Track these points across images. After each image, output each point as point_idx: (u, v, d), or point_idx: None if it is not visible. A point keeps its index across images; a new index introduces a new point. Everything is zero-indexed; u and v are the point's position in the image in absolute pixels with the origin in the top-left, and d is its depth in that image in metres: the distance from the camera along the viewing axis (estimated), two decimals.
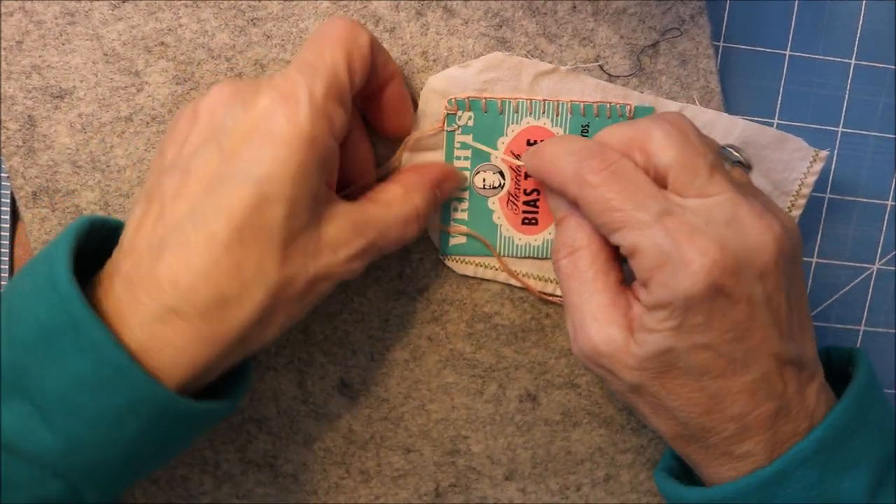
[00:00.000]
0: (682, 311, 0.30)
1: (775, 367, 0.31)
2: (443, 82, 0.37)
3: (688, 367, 0.31)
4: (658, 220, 0.30)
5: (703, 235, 0.30)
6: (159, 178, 0.32)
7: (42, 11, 0.36)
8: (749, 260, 0.30)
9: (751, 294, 0.30)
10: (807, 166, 0.39)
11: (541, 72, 0.37)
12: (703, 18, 0.38)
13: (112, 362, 0.28)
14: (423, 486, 0.42)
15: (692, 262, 0.30)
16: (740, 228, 0.30)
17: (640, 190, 0.31)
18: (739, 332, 0.31)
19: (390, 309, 0.40)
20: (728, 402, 0.32)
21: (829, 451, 0.31)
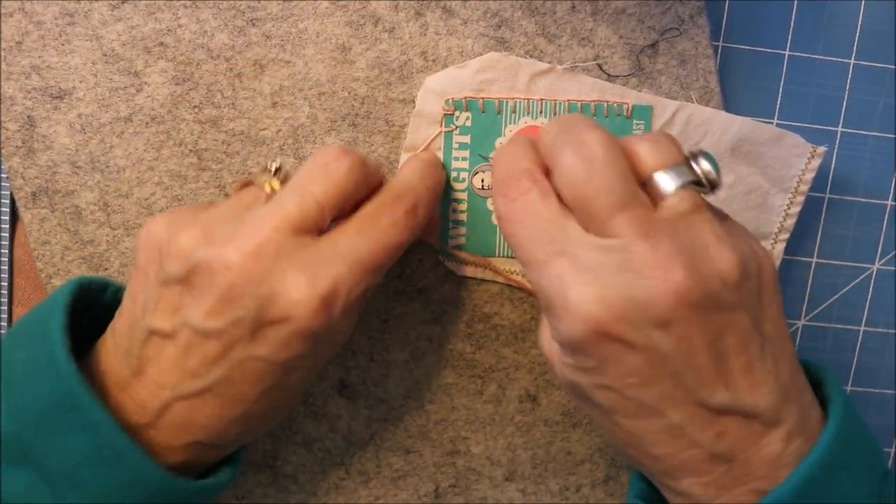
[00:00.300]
0: (571, 353, 0.29)
1: (704, 415, 0.29)
2: (440, 82, 0.37)
3: (597, 403, 0.30)
4: (547, 262, 0.29)
5: (588, 281, 0.28)
6: (146, 336, 0.32)
7: (42, 12, 0.36)
8: (640, 309, 0.28)
9: (648, 342, 0.28)
10: (805, 162, 0.39)
11: (537, 71, 0.37)
12: (702, 18, 0.38)
13: (111, 443, 0.29)
14: (422, 486, 0.42)
15: (571, 309, 0.28)
16: (632, 277, 0.28)
17: (541, 227, 0.30)
18: (643, 378, 0.28)
19: (390, 309, 0.40)
20: (648, 442, 0.30)
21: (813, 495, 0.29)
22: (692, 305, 0.28)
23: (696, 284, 0.28)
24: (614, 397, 0.29)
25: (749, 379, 0.29)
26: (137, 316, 0.32)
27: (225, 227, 0.31)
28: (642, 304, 0.28)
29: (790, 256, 0.43)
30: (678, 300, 0.27)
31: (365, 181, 0.33)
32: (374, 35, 0.37)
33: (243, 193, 0.34)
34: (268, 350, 0.30)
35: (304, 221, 0.31)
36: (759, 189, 0.39)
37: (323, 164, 0.32)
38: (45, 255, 0.38)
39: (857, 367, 0.45)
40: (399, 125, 0.38)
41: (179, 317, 0.30)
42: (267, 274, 0.30)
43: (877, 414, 0.45)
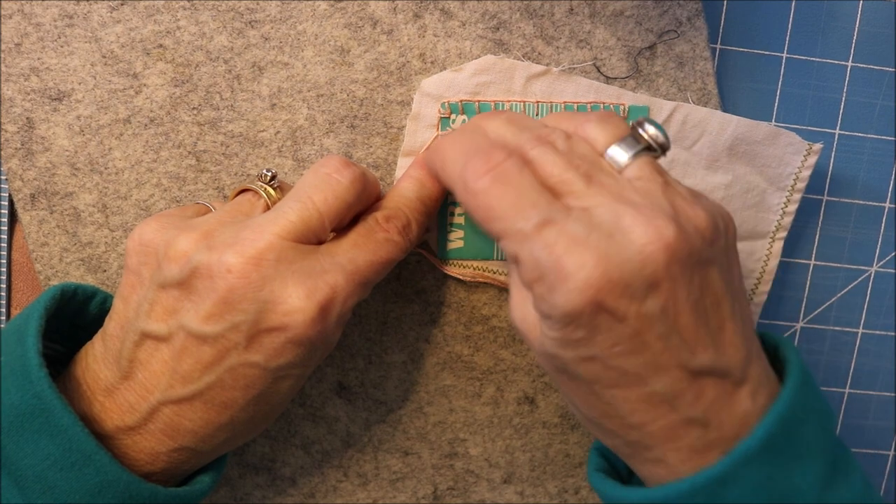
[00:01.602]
0: (561, 326, 0.28)
1: (684, 378, 0.29)
2: (436, 85, 0.37)
3: (576, 375, 0.30)
4: (537, 231, 0.28)
5: (584, 248, 0.27)
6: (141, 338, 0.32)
7: (41, 14, 0.36)
8: (635, 272, 0.28)
9: (639, 308, 0.28)
10: (801, 160, 0.39)
11: (533, 74, 0.37)
12: (700, 21, 0.39)
13: (79, 447, 0.29)
14: (420, 489, 0.42)
15: (569, 278, 0.27)
16: (624, 238, 0.28)
17: (522, 196, 0.29)
18: (630, 346, 0.28)
19: (388, 311, 0.40)
20: (626, 410, 0.30)
21: (777, 445, 0.29)
22: (680, 263, 0.28)
23: (684, 241, 0.28)
24: (597, 368, 0.29)
25: (723, 337, 0.30)
26: (130, 318, 0.32)
27: (226, 231, 0.31)
28: (638, 265, 0.28)
29: (788, 259, 0.43)
30: (670, 257, 0.28)
31: (364, 194, 0.34)
32: (372, 37, 0.37)
33: (240, 199, 0.34)
34: (262, 357, 0.30)
35: (306, 230, 0.31)
36: (757, 188, 0.39)
37: (325, 175, 0.32)
38: (43, 256, 0.38)
39: (856, 370, 0.45)
40: (397, 127, 0.38)
41: (175, 320, 0.30)
42: (267, 280, 0.30)
43: (876, 416, 0.45)
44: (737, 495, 0.29)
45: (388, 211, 0.34)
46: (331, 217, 0.32)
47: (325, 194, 0.32)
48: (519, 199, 0.29)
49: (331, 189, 0.32)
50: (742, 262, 0.40)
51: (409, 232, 0.34)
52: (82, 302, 0.35)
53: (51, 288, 0.33)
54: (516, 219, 0.29)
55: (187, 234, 0.31)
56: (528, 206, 0.29)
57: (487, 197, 0.29)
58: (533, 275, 0.29)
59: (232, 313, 0.30)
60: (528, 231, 0.28)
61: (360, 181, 0.33)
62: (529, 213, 0.29)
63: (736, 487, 0.29)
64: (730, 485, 0.29)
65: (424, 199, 0.36)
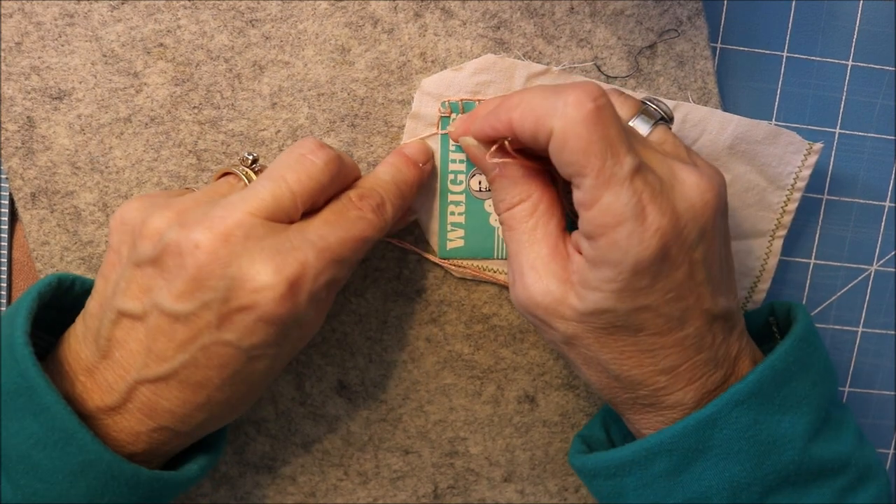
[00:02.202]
0: (629, 274, 0.30)
1: (706, 322, 0.32)
2: (436, 85, 0.37)
3: (625, 326, 0.31)
4: (629, 178, 0.29)
5: (664, 198, 0.30)
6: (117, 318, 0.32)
7: (41, 13, 0.36)
8: (692, 221, 0.30)
9: (692, 255, 0.30)
10: (801, 159, 0.39)
11: (533, 73, 0.37)
12: (700, 20, 0.39)
13: (61, 425, 0.30)
14: (421, 487, 0.42)
15: (651, 226, 0.29)
16: (682, 190, 0.30)
17: (618, 138, 0.29)
18: (679, 292, 0.31)
19: (388, 310, 0.40)
20: (661, 356, 0.32)
21: (766, 393, 0.32)
22: (719, 213, 0.31)
23: (720, 195, 0.31)
24: (647, 317, 0.31)
25: (731, 283, 0.33)
26: (108, 296, 0.32)
27: (198, 210, 0.31)
28: (695, 215, 0.30)
29: (788, 258, 0.43)
30: (715, 209, 0.31)
31: (339, 176, 0.33)
32: (373, 36, 0.37)
33: (220, 182, 0.34)
34: (234, 335, 0.30)
35: (277, 209, 0.31)
36: (757, 187, 0.39)
37: (299, 155, 0.32)
38: (44, 255, 0.38)
39: (856, 368, 0.45)
40: (398, 126, 0.38)
41: (149, 298, 0.30)
42: (235, 257, 0.30)
43: (876, 415, 0.45)
44: (726, 436, 0.32)
45: (362, 190, 0.34)
46: (303, 197, 0.32)
47: (298, 174, 0.32)
48: (616, 140, 0.29)
49: (304, 169, 0.32)
50: (742, 260, 0.40)
51: (382, 211, 0.34)
52: (80, 294, 0.35)
53: (48, 276, 0.34)
54: (612, 162, 0.29)
55: (162, 211, 0.31)
56: (624, 150, 0.29)
57: (589, 127, 0.29)
58: (611, 219, 0.29)
59: (202, 291, 0.30)
60: (622, 175, 0.29)
61: (335, 163, 0.33)
62: (625, 158, 0.29)
63: (726, 428, 0.32)
64: (719, 425, 0.32)
65: (399, 182, 0.35)
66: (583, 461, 0.36)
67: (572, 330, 0.32)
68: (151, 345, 0.31)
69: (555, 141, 0.30)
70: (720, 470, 0.32)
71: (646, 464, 0.33)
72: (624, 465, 0.34)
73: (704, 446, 0.32)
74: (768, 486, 0.32)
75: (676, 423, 0.32)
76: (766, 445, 0.32)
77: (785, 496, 0.32)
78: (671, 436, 0.32)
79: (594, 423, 0.40)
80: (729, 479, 0.32)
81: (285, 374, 0.40)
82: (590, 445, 0.39)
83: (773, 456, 0.32)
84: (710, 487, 0.32)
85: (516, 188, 0.34)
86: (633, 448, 0.33)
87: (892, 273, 0.44)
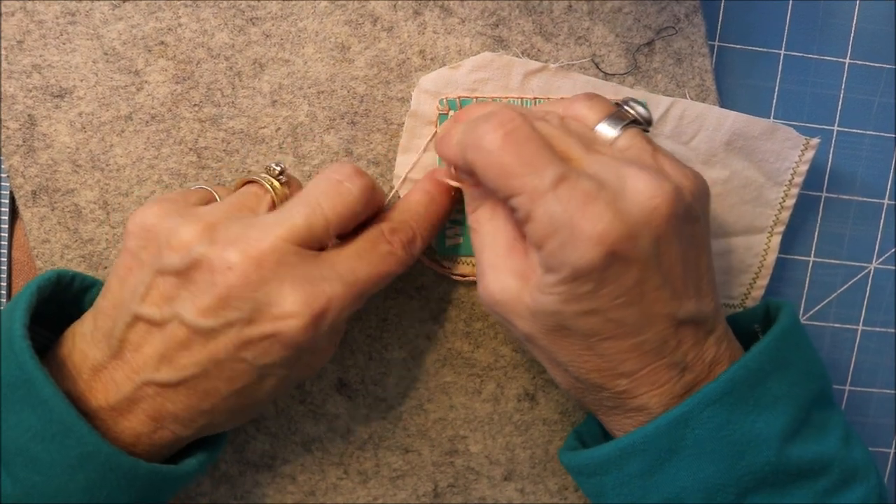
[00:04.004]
0: (570, 281, 0.30)
1: (670, 326, 0.31)
2: (434, 82, 0.37)
3: (576, 330, 0.31)
4: (552, 188, 0.29)
5: (597, 203, 0.29)
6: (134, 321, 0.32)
7: (43, 11, 0.37)
8: (640, 225, 0.30)
9: (643, 260, 0.30)
10: (798, 155, 0.39)
11: (531, 70, 0.38)
12: (698, 17, 0.39)
13: (59, 418, 0.30)
14: (421, 486, 0.42)
15: (584, 233, 0.29)
16: (631, 194, 0.30)
17: (536, 154, 0.30)
18: (630, 298, 0.30)
19: (388, 308, 0.40)
20: (617, 360, 0.32)
21: (739, 392, 0.32)
22: (677, 217, 0.30)
23: (680, 198, 0.30)
24: (597, 321, 0.31)
25: (702, 288, 0.32)
26: (125, 299, 0.32)
27: (230, 227, 0.31)
28: (645, 218, 0.30)
29: (787, 255, 0.43)
30: (670, 212, 0.30)
31: (372, 203, 0.34)
32: (372, 34, 0.38)
33: (245, 191, 0.34)
34: (251, 354, 0.31)
35: (310, 236, 0.31)
36: (754, 183, 0.39)
37: (336, 182, 0.33)
38: (44, 253, 0.38)
39: (856, 367, 0.45)
40: (397, 123, 0.38)
41: (170, 308, 0.31)
42: (265, 282, 0.30)
43: (876, 413, 0.45)
44: (696, 436, 0.31)
45: (395, 224, 0.34)
46: (337, 226, 0.32)
47: (334, 202, 0.32)
48: (534, 157, 0.30)
49: (340, 197, 0.32)
50: (740, 256, 0.40)
51: (412, 247, 0.35)
52: (80, 290, 0.35)
53: (48, 272, 0.34)
54: (532, 175, 0.30)
55: (191, 224, 0.31)
56: (543, 164, 0.30)
57: (502, 154, 0.30)
58: (546, 231, 0.30)
59: (227, 310, 0.30)
60: (544, 187, 0.29)
61: (370, 191, 0.33)
62: (545, 171, 0.30)
63: (697, 428, 0.31)
64: (691, 425, 0.31)
65: (432, 214, 0.36)
66: (568, 458, 0.36)
67: (528, 328, 0.32)
68: (167, 352, 0.31)
69: (478, 173, 0.31)
70: (694, 470, 0.32)
71: (621, 463, 0.33)
72: (601, 464, 0.34)
73: (677, 446, 0.32)
74: (744, 488, 0.32)
75: (649, 424, 0.32)
76: (740, 446, 0.31)
77: (762, 497, 0.32)
78: (643, 436, 0.32)
79: (591, 418, 0.40)
80: (703, 480, 0.32)
81: None
82: (584, 441, 0.39)
83: (747, 456, 0.32)
84: (684, 488, 0.32)
85: (478, 192, 0.34)
86: (608, 448, 0.33)
87: (892, 270, 0.44)
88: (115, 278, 0.33)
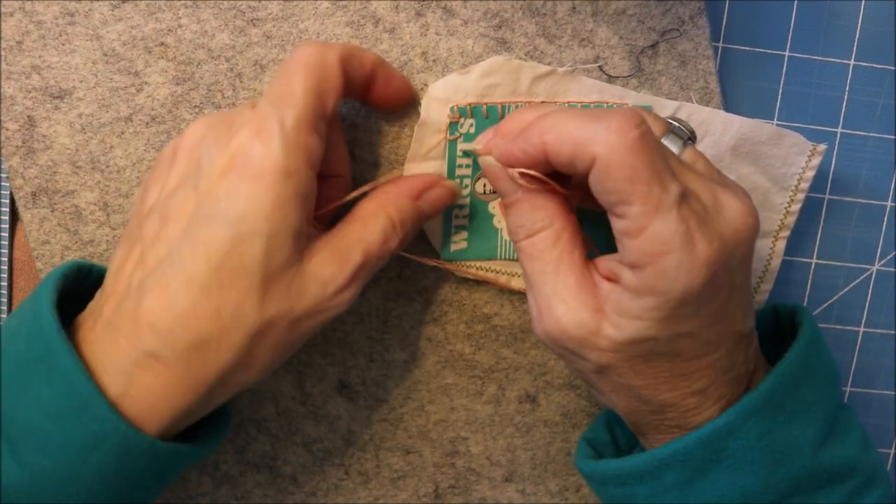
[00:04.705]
0: (676, 303, 0.29)
1: (735, 341, 0.32)
2: (444, 90, 0.37)
3: (663, 353, 0.31)
4: (676, 205, 0.28)
5: (707, 226, 0.29)
6: (140, 221, 0.32)
7: (42, 12, 0.36)
8: (734, 246, 0.30)
9: (733, 280, 0.30)
10: (805, 161, 0.39)
11: (539, 74, 0.37)
12: (702, 19, 0.38)
13: (79, 392, 0.29)
14: (422, 487, 0.42)
15: (700, 255, 0.28)
16: (726, 217, 0.30)
17: (663, 164, 0.29)
18: (717, 316, 0.30)
19: (389, 310, 0.40)
20: (694, 378, 0.32)
21: (778, 400, 0.32)
22: (755, 237, 0.31)
23: (757, 220, 0.31)
24: (686, 343, 0.31)
25: (751, 303, 0.33)
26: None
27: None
28: (738, 241, 0.30)
29: (790, 257, 0.43)
30: (753, 233, 0.31)
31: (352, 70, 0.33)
32: (374, 35, 0.37)
33: None
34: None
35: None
36: (760, 188, 0.39)
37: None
38: (44, 254, 0.38)
39: (857, 368, 0.45)
40: (399, 125, 0.38)
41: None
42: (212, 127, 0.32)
43: (877, 414, 0.45)
44: (739, 445, 0.31)
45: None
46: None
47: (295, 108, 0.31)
48: (662, 166, 0.29)
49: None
50: None
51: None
52: (97, 281, 0.34)
53: (67, 262, 0.33)
54: (658, 186, 0.28)
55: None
56: (669, 176, 0.29)
57: (633, 155, 0.28)
58: (659, 248, 0.28)
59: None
60: (670, 203, 0.28)
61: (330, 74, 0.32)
62: (671, 184, 0.29)
63: (739, 438, 0.31)
64: (734, 435, 0.31)
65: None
66: (592, 467, 0.36)
67: (606, 360, 0.31)
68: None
69: (598, 168, 0.29)
70: (733, 480, 0.32)
71: (659, 473, 0.33)
72: (635, 474, 0.33)
73: (718, 456, 0.31)
74: (780, 494, 0.32)
75: (690, 434, 0.32)
76: (779, 454, 0.32)
77: (797, 502, 0.32)
78: (685, 446, 0.32)
79: (598, 426, 0.39)
80: (742, 489, 0.32)
81: (286, 374, 0.40)
82: (595, 448, 0.38)
83: (784, 463, 0.32)
84: (722, 497, 0.32)
85: (538, 214, 0.32)
86: (646, 458, 0.33)
87: (894, 273, 0.44)
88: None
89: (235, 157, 0.30)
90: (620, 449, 0.39)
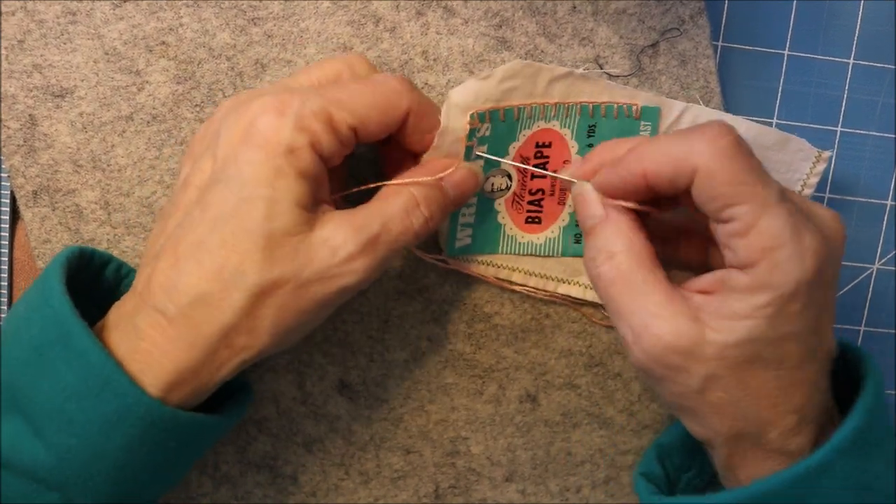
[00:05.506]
0: (788, 297, 0.30)
1: (827, 361, 0.32)
2: (463, 96, 0.35)
3: (768, 358, 0.31)
4: (780, 201, 0.30)
5: (810, 222, 0.30)
6: (172, 196, 0.33)
7: (43, 11, 0.36)
8: (835, 247, 0.31)
9: (829, 282, 0.31)
10: (809, 167, 0.39)
11: (555, 76, 0.37)
12: (702, 18, 0.39)
13: (98, 371, 0.29)
14: (422, 487, 0.42)
15: (809, 247, 0.30)
16: (823, 219, 0.32)
17: (760, 166, 0.31)
18: (818, 322, 0.31)
19: (390, 309, 0.40)
20: (794, 391, 0.31)
21: (864, 436, 0.31)
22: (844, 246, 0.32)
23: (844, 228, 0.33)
24: (790, 347, 0.31)
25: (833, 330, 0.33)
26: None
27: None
28: (835, 242, 0.31)
29: None
30: (844, 239, 0.32)
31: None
32: (375, 34, 0.38)
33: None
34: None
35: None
36: None
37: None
38: (45, 253, 0.38)
39: None
40: None
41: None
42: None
43: None
44: (830, 485, 0.31)
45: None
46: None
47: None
48: (759, 167, 0.31)
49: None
50: None
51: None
52: (99, 267, 0.35)
53: (68, 247, 0.33)
54: (761, 185, 0.30)
55: None
56: (766, 175, 0.30)
57: (733, 158, 0.30)
58: (771, 243, 0.30)
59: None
60: (774, 198, 0.30)
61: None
62: (771, 182, 0.30)
63: (832, 477, 0.31)
64: (827, 474, 0.31)
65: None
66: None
67: (712, 369, 0.31)
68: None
69: (700, 178, 0.30)
70: None
71: None
72: None
73: (808, 493, 0.31)
74: None
75: (783, 472, 0.31)
76: (864, 490, 0.31)
77: None
78: (779, 483, 0.31)
79: (649, 460, 0.39)
80: None
81: (286, 374, 0.40)
82: (652, 483, 0.38)
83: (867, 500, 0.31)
84: None
85: (620, 238, 0.33)
86: (735, 495, 0.32)
87: (894, 272, 0.44)
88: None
89: (249, 127, 0.31)
90: (671, 482, 0.39)
